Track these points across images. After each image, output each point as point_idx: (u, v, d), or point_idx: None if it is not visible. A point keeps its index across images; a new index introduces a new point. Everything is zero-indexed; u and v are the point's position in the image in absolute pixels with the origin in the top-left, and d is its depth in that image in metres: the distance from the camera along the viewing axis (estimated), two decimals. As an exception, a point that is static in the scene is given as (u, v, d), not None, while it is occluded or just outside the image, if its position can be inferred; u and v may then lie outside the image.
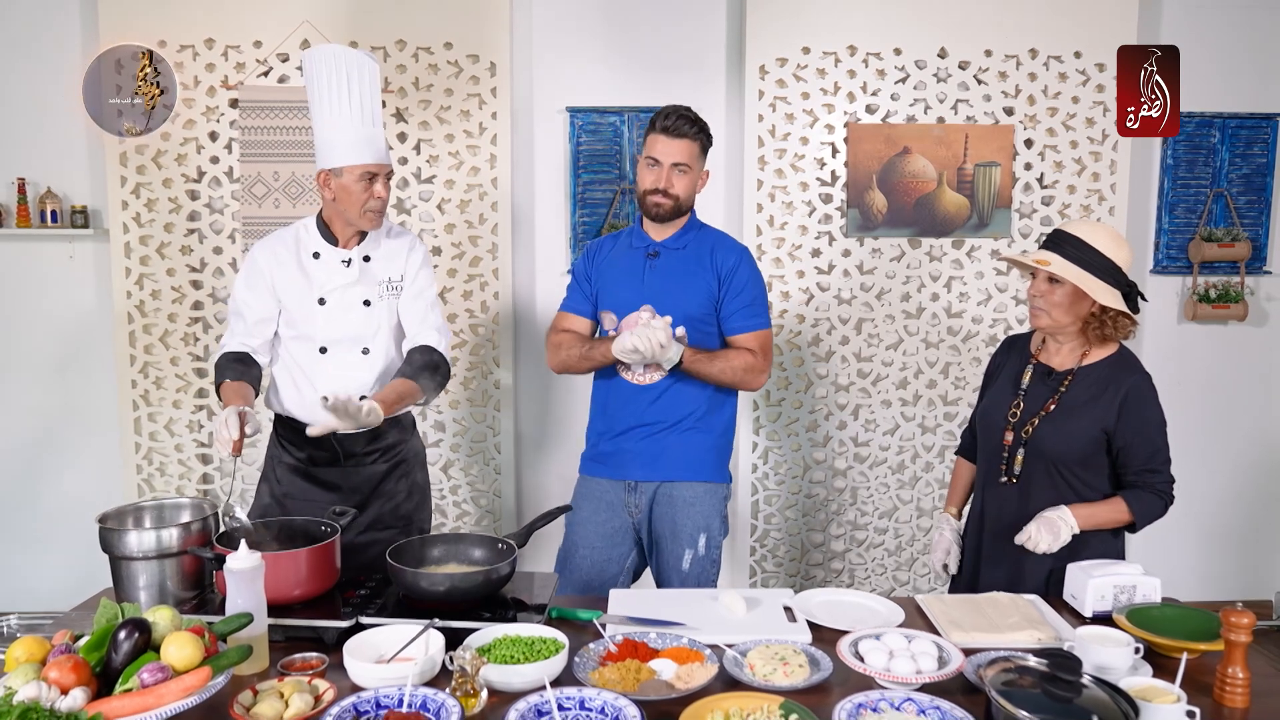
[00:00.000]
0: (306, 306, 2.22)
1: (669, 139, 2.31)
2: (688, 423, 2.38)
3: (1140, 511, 1.98)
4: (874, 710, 1.46)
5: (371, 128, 2.14)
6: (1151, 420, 2.00)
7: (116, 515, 1.88)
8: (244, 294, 2.26)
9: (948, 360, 3.57)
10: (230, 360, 2.22)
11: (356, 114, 2.12)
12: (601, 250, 2.50)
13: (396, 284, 2.28)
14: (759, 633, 1.75)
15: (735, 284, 2.37)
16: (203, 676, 1.38)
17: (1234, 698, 1.54)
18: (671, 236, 2.41)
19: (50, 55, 3.42)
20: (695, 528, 2.38)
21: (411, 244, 2.32)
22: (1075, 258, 1.96)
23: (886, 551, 3.65)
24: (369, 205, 2.17)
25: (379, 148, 2.16)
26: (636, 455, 2.40)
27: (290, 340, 2.26)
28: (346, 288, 2.22)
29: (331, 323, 2.22)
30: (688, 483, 2.39)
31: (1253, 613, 1.57)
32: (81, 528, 1.96)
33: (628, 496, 2.42)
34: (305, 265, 2.24)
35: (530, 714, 1.41)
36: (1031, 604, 1.89)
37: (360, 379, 2.24)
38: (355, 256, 2.24)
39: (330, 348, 2.23)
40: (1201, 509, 3.84)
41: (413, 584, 1.77)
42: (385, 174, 2.18)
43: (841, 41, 3.42)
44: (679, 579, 2.39)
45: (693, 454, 2.39)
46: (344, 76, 2.11)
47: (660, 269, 2.39)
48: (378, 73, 2.18)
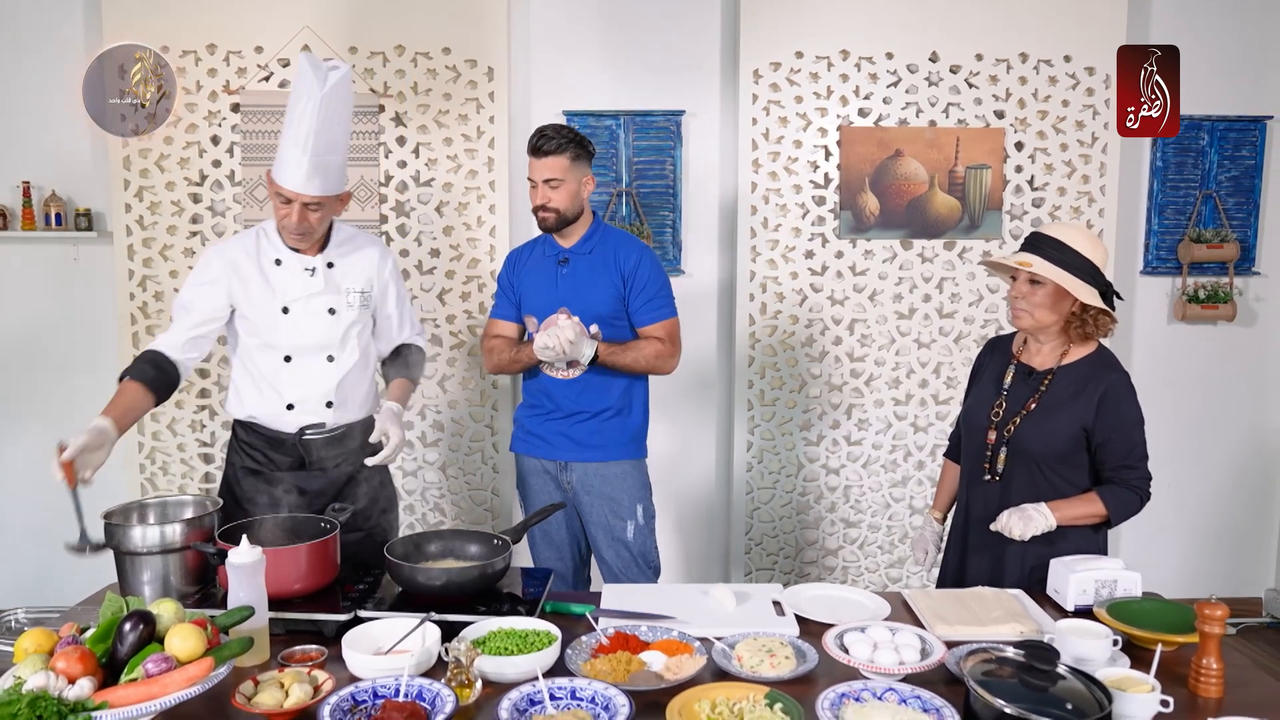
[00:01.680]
0: (270, 315, 2.21)
1: (538, 159, 2.53)
2: (609, 411, 2.61)
3: (1116, 507, 2.03)
4: (856, 700, 1.50)
5: (301, 153, 2.07)
6: (1128, 417, 2.04)
7: (121, 512, 1.93)
8: (191, 294, 2.21)
9: (940, 360, 3.61)
10: (144, 360, 2.13)
11: (300, 135, 2.07)
12: (520, 260, 2.71)
13: (367, 295, 2.30)
14: (748, 626, 1.79)
15: (639, 281, 2.59)
16: (205, 667, 1.42)
17: (1208, 688, 1.58)
18: (578, 242, 2.61)
19: (54, 61, 3.47)
20: (632, 499, 2.64)
21: (381, 255, 2.34)
22: (1055, 259, 2.01)
23: (879, 549, 3.69)
24: (282, 223, 2.16)
25: (300, 176, 2.09)
26: (565, 438, 2.63)
27: (253, 347, 2.24)
28: (311, 297, 2.21)
29: (296, 331, 2.21)
30: (616, 461, 2.63)
31: (1226, 606, 1.61)
32: (88, 525, 1.99)
33: (560, 474, 2.66)
34: (267, 272, 2.21)
35: (523, 703, 1.46)
36: (1015, 598, 1.94)
37: (325, 386, 2.25)
38: (319, 264, 2.22)
39: (295, 356, 2.23)
40: (1192, 507, 3.88)
41: (410, 579, 1.81)
42: (305, 204, 2.11)
43: (834, 46, 3.46)
44: (624, 549, 2.63)
45: (616, 437, 2.63)
46: (311, 96, 2.06)
47: (570, 274, 2.60)
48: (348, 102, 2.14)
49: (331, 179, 2.14)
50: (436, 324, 3.53)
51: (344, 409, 2.28)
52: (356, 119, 3.42)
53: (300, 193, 2.10)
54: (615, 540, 2.63)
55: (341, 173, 2.18)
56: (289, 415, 2.24)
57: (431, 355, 3.54)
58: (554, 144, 2.51)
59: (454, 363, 3.56)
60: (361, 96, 3.40)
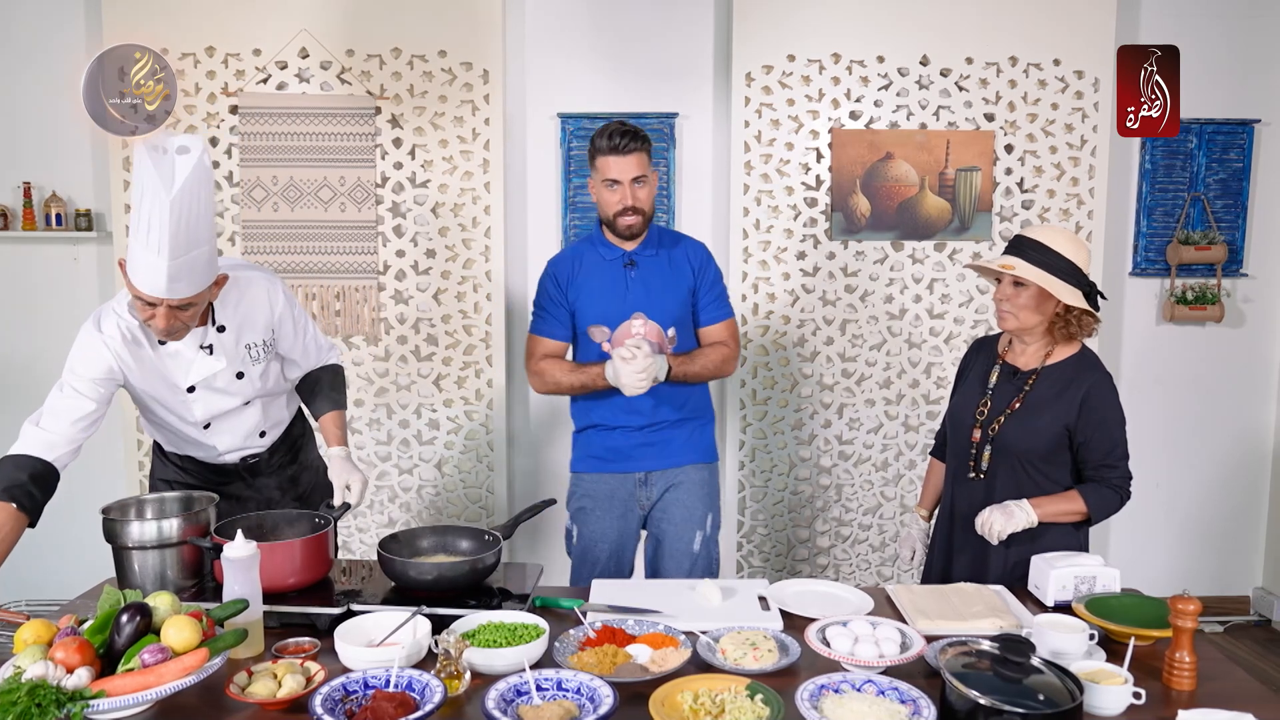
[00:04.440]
0: (177, 397, 2.05)
1: (620, 157, 2.33)
2: (684, 412, 2.51)
3: (1096, 505, 2.06)
4: (836, 691, 1.54)
5: (157, 257, 1.77)
6: (1110, 418, 2.08)
7: (119, 507, 1.97)
8: (93, 386, 1.95)
9: (930, 360, 3.65)
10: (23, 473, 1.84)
11: (154, 240, 1.77)
12: (572, 267, 2.48)
13: (269, 341, 2.13)
14: (733, 620, 1.82)
15: (707, 279, 2.51)
16: (200, 657, 1.46)
17: (1181, 681, 1.62)
18: (642, 245, 2.47)
19: (55, 64, 3.51)
20: (704, 508, 2.53)
21: (270, 292, 2.11)
22: (1038, 261, 2.05)
23: (870, 547, 3.73)
24: (149, 324, 1.91)
25: (161, 281, 1.79)
26: (645, 449, 2.49)
27: (166, 420, 2.12)
28: (214, 374, 2.05)
29: (208, 405, 2.09)
30: (694, 465, 2.53)
31: (1200, 601, 1.64)
32: (85, 521, 2.03)
33: (638, 489, 2.51)
34: (159, 357, 2.00)
35: (510, 694, 1.49)
36: (996, 594, 1.97)
37: (249, 426, 2.19)
38: (211, 338, 2.02)
39: (213, 422, 2.13)
40: (1180, 507, 3.92)
41: (402, 573, 1.85)
42: (171, 305, 1.84)
43: (826, 49, 3.50)
44: (690, 560, 2.50)
45: (694, 440, 2.54)
46: (158, 198, 1.75)
47: (641, 277, 2.45)
48: (206, 186, 1.82)
49: (199, 275, 1.85)
50: (432, 324, 3.57)
51: (275, 429, 2.27)
52: (353, 121, 3.46)
53: (165, 298, 1.82)
54: (680, 554, 2.50)
55: (212, 262, 1.89)
56: (224, 455, 2.21)
57: (427, 354, 3.59)
58: (636, 140, 2.33)
59: (450, 361, 3.59)
60: (358, 99, 3.44)
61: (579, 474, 2.58)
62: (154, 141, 1.79)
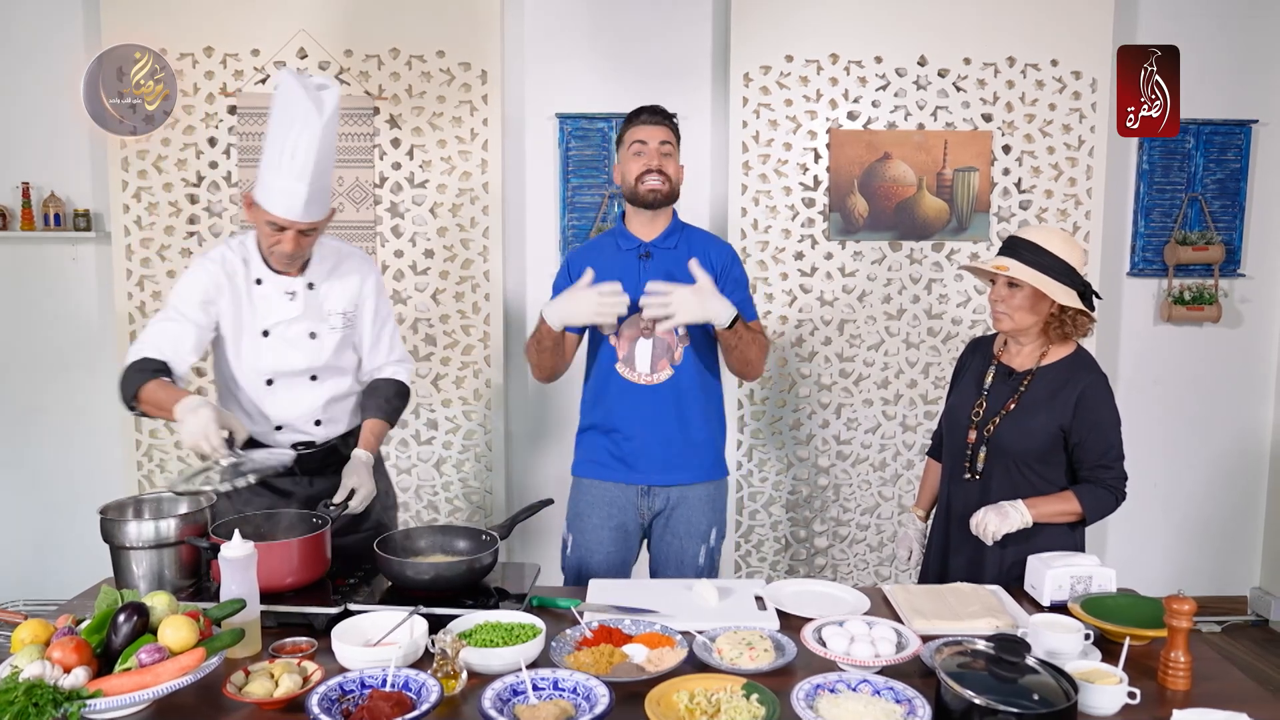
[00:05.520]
0: (250, 338, 2.14)
1: (651, 126, 2.35)
2: (696, 421, 2.39)
3: (1091, 506, 2.07)
4: (831, 691, 1.54)
5: (297, 183, 1.97)
6: (1105, 419, 2.08)
7: (117, 507, 1.97)
8: (194, 307, 2.08)
9: (928, 360, 3.65)
10: (149, 366, 2.00)
11: (296, 165, 1.96)
12: (588, 258, 2.40)
13: (350, 316, 2.21)
14: (729, 620, 1.83)
15: (732, 279, 2.39)
16: (197, 657, 1.47)
17: (1176, 681, 1.62)
18: (660, 235, 2.39)
19: (54, 64, 3.52)
20: (709, 524, 2.43)
21: (364, 273, 2.24)
22: (1032, 261, 2.05)
23: (869, 547, 3.73)
24: (274, 249, 2.07)
25: (298, 205, 1.99)
26: (651, 459, 2.37)
27: (235, 370, 2.17)
28: (291, 322, 2.14)
29: (277, 356, 2.15)
30: (703, 483, 2.42)
31: (1194, 600, 1.65)
32: (84, 521, 2.03)
33: (641, 500, 2.41)
34: (250, 293, 2.13)
35: (506, 693, 1.49)
36: (993, 594, 1.97)
37: (309, 405, 2.21)
38: (299, 287, 2.14)
39: (277, 379, 2.17)
40: (1178, 507, 3.93)
41: (399, 573, 1.85)
42: (300, 229, 2.03)
43: (824, 50, 3.50)
44: (694, 573, 2.41)
45: (705, 454, 2.42)
46: (309, 125, 1.96)
47: (655, 269, 2.35)
48: (334, 121, 2.02)
49: (326, 201, 2.08)
50: (430, 324, 3.58)
51: (333, 425, 2.27)
52: (352, 121, 3.46)
53: (298, 221, 2.01)
54: (685, 567, 2.42)
55: (330, 191, 2.11)
56: (279, 435, 2.22)
57: (425, 354, 3.59)
58: (665, 116, 2.36)
59: (448, 361, 3.60)
60: (357, 99, 3.45)
61: (580, 478, 2.48)
62: (299, 78, 1.97)
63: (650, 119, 2.36)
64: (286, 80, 1.99)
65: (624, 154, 2.39)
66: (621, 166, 2.40)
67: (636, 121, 2.38)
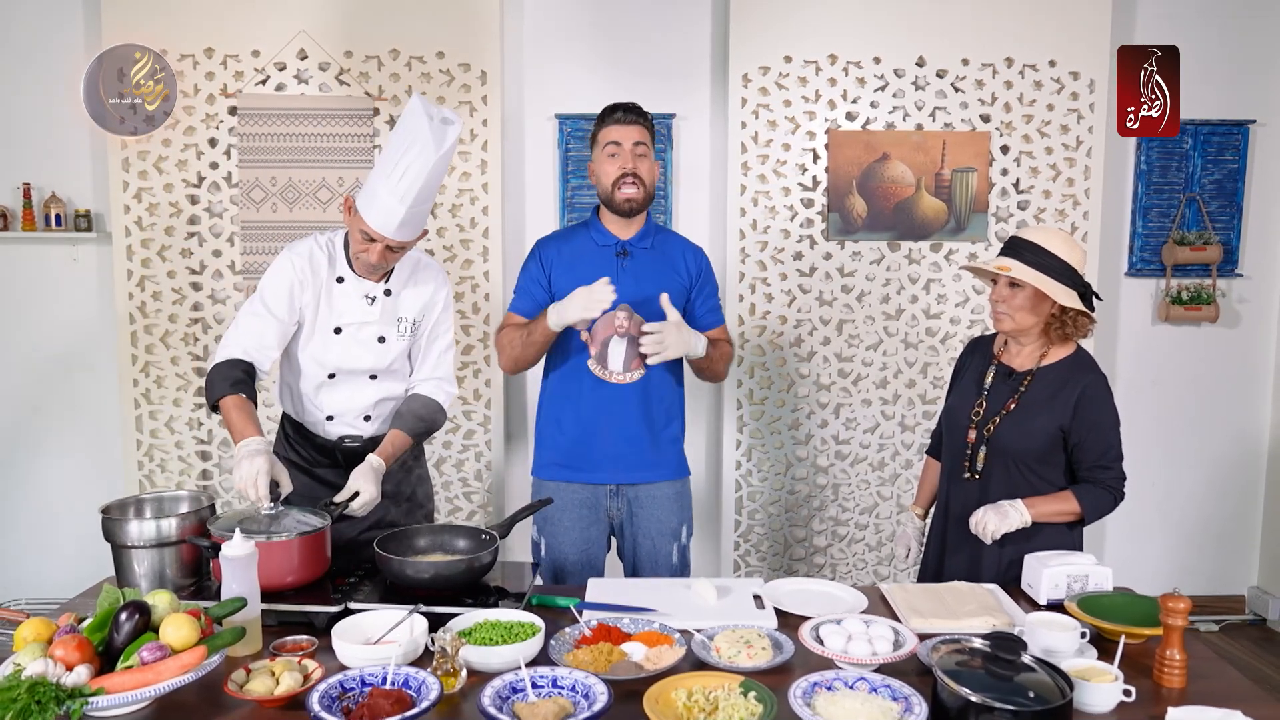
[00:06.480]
0: (321, 332, 2.19)
1: (624, 126, 2.32)
2: (662, 420, 2.44)
3: (1089, 505, 2.07)
4: (828, 689, 1.55)
5: (399, 204, 2.01)
6: (1104, 419, 2.09)
7: (118, 506, 1.98)
8: (281, 302, 2.13)
9: (926, 360, 3.66)
10: (236, 370, 2.08)
11: (403, 187, 2.01)
12: (559, 249, 2.42)
13: (415, 325, 2.26)
14: (728, 618, 1.83)
15: (704, 284, 2.46)
16: (199, 655, 1.47)
17: (1171, 678, 1.63)
18: (637, 235, 2.39)
19: (55, 65, 3.53)
20: (680, 521, 2.48)
21: (438, 285, 2.28)
22: (1033, 262, 2.06)
23: (867, 546, 3.74)
24: (360, 255, 2.12)
25: (393, 223, 2.03)
26: (620, 459, 2.39)
27: (301, 359, 2.22)
28: (364, 324, 2.19)
29: (345, 353, 2.20)
30: (669, 481, 2.47)
31: (1190, 599, 1.66)
32: (85, 520, 2.04)
33: (609, 501, 2.43)
34: (330, 289, 2.19)
35: (505, 691, 1.50)
36: (990, 592, 1.98)
37: (364, 401, 2.26)
38: (378, 292, 2.19)
39: (339, 374, 2.22)
40: (1176, 506, 3.94)
41: (399, 572, 1.86)
42: (389, 245, 2.08)
43: (822, 50, 3.51)
44: (669, 572, 2.46)
45: (670, 453, 2.48)
46: (425, 154, 1.98)
47: (633, 268, 2.37)
48: (449, 155, 2.04)
49: (420, 225, 2.10)
50: (430, 324, 3.58)
51: (380, 421, 2.30)
52: (352, 121, 3.47)
53: (390, 238, 2.06)
54: (659, 566, 2.45)
55: (427, 216, 2.14)
56: (329, 425, 2.27)
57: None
58: (640, 116, 2.33)
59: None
60: (356, 99, 3.46)
61: (544, 481, 2.45)
62: (429, 108, 2.01)
63: (625, 118, 2.33)
64: (416, 105, 2.01)
65: (598, 154, 2.38)
66: (596, 167, 2.40)
67: (610, 120, 2.35)
